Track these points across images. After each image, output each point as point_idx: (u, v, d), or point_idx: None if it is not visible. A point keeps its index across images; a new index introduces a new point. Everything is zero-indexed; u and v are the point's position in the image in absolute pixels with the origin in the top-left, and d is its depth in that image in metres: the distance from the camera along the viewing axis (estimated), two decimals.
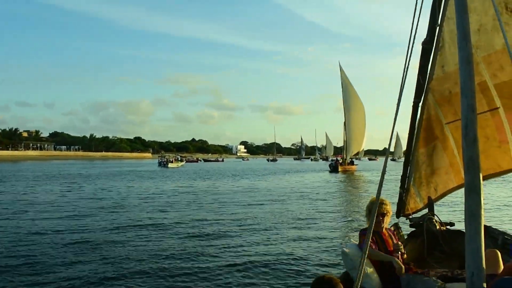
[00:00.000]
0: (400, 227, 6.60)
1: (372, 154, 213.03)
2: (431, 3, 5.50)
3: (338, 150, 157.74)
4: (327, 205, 23.20)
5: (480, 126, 5.83)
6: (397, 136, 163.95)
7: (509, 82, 5.40)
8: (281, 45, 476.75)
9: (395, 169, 70.60)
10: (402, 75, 3.26)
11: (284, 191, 32.67)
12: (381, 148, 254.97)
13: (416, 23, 3.41)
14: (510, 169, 6.07)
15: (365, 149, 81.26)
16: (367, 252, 2.84)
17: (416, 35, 3.39)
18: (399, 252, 4.85)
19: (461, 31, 2.50)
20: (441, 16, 5.58)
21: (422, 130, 6.46)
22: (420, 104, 6.25)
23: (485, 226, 6.49)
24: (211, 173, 63.05)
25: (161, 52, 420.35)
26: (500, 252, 4.70)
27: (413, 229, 6.83)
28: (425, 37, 5.75)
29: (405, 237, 6.66)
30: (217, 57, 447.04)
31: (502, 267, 4.33)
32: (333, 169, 68.59)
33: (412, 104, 6.28)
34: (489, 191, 28.02)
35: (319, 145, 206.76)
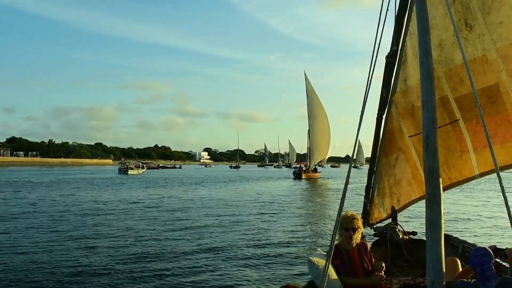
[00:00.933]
0: (364, 237, 6.71)
1: (334, 161, 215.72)
2: (394, 18, 5.68)
3: (301, 157, 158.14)
4: (293, 214, 23.15)
5: (441, 138, 6.07)
6: (359, 143, 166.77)
7: (468, 95, 5.62)
8: (246, 53, 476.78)
9: (356, 177, 71.16)
10: (365, 86, 3.35)
11: (247, 199, 31.77)
12: (343, 155, 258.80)
13: (379, 37, 3.52)
14: (472, 177, 6.30)
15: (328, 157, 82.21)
16: (329, 262, 2.88)
17: (380, 48, 3.49)
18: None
19: (423, 47, 2.59)
20: (404, 32, 5.77)
21: (386, 142, 6.61)
22: (384, 116, 6.41)
23: (445, 235, 6.67)
24: (171, 180, 61.53)
25: (125, 57, 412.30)
26: (460, 260, 4.83)
27: (377, 238, 6.95)
28: (389, 50, 5.92)
29: (369, 246, 6.78)
30: (182, 63, 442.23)
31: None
32: (297, 176, 69.07)
33: (376, 115, 6.44)
34: (452, 200, 28.74)
35: (282, 152, 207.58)
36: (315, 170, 74.18)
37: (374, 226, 7.11)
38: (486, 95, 5.54)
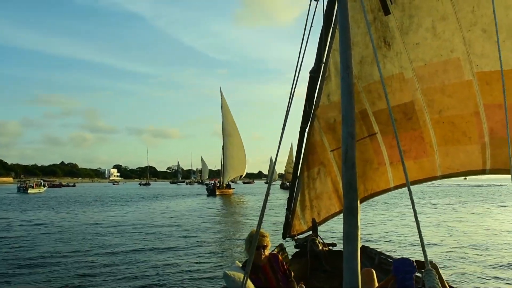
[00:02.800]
0: (285, 248, 6.79)
1: (247, 177, 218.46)
2: (318, 34, 5.84)
3: (214, 174, 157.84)
4: (208, 231, 22.49)
5: (360, 150, 6.30)
6: (271, 159, 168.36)
7: (385, 110, 5.89)
8: (160, 68, 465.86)
9: (271, 193, 71.30)
10: (288, 101, 3.39)
11: (158, 218, 29.46)
12: (256, 171, 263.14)
13: (303, 53, 3.58)
14: (388, 189, 6.58)
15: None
16: (247, 275, 2.85)
17: (303, 63, 3.55)
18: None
19: (344, 63, 2.66)
20: (328, 48, 5.94)
21: (308, 155, 6.76)
22: (307, 129, 6.55)
23: (363, 246, 6.91)
24: (71, 199, 56.11)
25: (31, 71, 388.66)
26: (376, 270, 4.99)
27: (298, 249, 7.05)
28: (312, 66, 6.07)
29: (290, 257, 6.87)
30: (94, 78, 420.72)
31: (376, 284, 4.62)
32: (211, 192, 68.60)
33: (299, 129, 6.56)
34: (372, 214, 29.87)
35: (194, 169, 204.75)
36: (228, 186, 74.03)
37: (295, 238, 7.21)
38: (402, 111, 5.82)
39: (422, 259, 2.39)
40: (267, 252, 4.96)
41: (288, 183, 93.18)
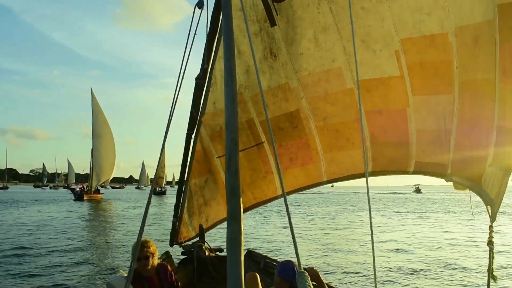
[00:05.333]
0: (171, 255, 6.70)
1: (118, 182, 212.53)
2: (204, 41, 5.86)
3: (82, 178, 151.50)
4: (82, 240, 21.15)
5: (248, 159, 6.41)
6: (143, 164, 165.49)
7: (272, 119, 6.05)
8: (26, 65, 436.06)
9: (140, 199, 69.13)
10: (171, 106, 3.36)
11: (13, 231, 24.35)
12: (127, 176, 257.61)
13: (187, 59, 3.57)
14: (275, 197, 6.76)
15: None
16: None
17: (188, 70, 3.54)
18: None
19: (228, 70, 2.69)
20: (214, 55, 5.98)
21: (195, 162, 6.73)
22: (193, 136, 6.53)
23: (248, 251, 7.04)
24: None
25: None
26: (262, 274, 5.09)
27: (185, 256, 6.99)
28: (198, 72, 6.07)
29: (177, 264, 6.79)
30: None
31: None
32: (78, 197, 65.47)
33: (185, 136, 6.52)
34: (256, 220, 30.51)
35: (60, 172, 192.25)
36: (97, 191, 71.35)
37: (183, 245, 7.14)
38: (289, 120, 6.03)
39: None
40: (154, 261, 4.83)
41: (159, 189, 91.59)
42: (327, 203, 56.90)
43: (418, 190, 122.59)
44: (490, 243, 4.03)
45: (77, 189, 76.86)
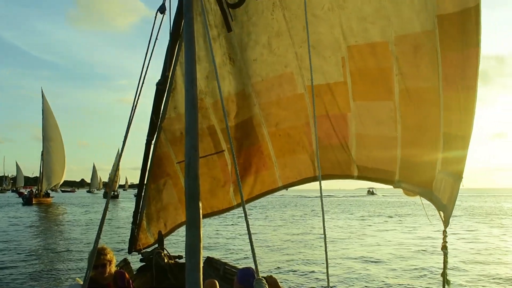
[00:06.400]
0: (130, 262, 6.59)
1: (69, 185, 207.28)
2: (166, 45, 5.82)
3: (31, 181, 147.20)
4: (32, 247, 20.16)
5: (208, 167, 6.37)
6: (94, 167, 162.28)
7: (232, 128, 6.04)
8: None
9: (91, 203, 67.41)
10: (131, 110, 3.32)
11: None
12: (78, 180, 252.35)
13: (147, 63, 3.54)
14: (231, 207, 6.70)
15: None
16: None
17: (147, 74, 3.51)
18: None
19: (188, 76, 2.68)
20: (175, 61, 5.94)
21: (155, 167, 6.64)
22: (153, 141, 6.45)
23: (208, 257, 6.99)
24: None
25: None
26: (221, 281, 5.07)
27: (144, 263, 6.89)
28: (160, 77, 6.02)
29: (135, 272, 6.68)
30: None
31: None
32: (27, 201, 63.58)
33: (145, 141, 6.44)
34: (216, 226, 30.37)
35: (7, 175, 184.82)
36: (47, 195, 69.55)
37: (142, 252, 7.03)
38: (244, 127, 6.03)
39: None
40: (112, 269, 4.74)
41: (112, 192, 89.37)
42: (283, 207, 57.33)
43: (371, 192, 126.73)
44: (444, 247, 4.15)
45: (25, 193, 74.52)
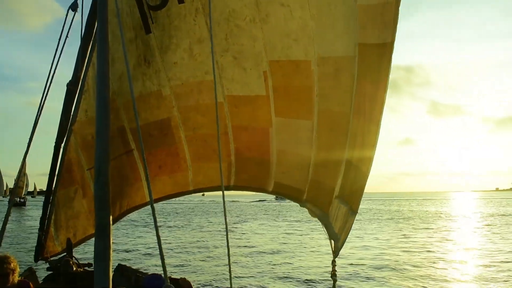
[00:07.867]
0: (35, 271, 6.27)
1: None
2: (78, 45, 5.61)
3: None
4: None
5: (117, 167, 6.19)
6: (0, 173, 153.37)
7: (142, 127, 5.93)
8: None
9: None
10: (37, 111, 3.16)
11: None
12: None
13: (56, 63, 3.39)
14: (144, 203, 6.60)
15: None
16: None
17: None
18: None
19: (101, 77, 2.60)
20: (87, 61, 5.73)
21: (64, 172, 6.36)
22: (63, 145, 6.17)
23: (119, 265, 6.80)
24: None
25: None
26: None
27: (51, 272, 6.57)
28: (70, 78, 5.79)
29: (41, 281, 6.37)
30: None
31: None
32: None
33: (54, 144, 6.15)
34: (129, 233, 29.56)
35: None
36: None
37: (49, 260, 6.70)
38: (159, 127, 5.96)
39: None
40: (15, 279, 4.48)
41: (19, 199, 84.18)
42: (199, 213, 57.13)
43: (280, 198, 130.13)
44: (333, 275, 4.39)
45: None
